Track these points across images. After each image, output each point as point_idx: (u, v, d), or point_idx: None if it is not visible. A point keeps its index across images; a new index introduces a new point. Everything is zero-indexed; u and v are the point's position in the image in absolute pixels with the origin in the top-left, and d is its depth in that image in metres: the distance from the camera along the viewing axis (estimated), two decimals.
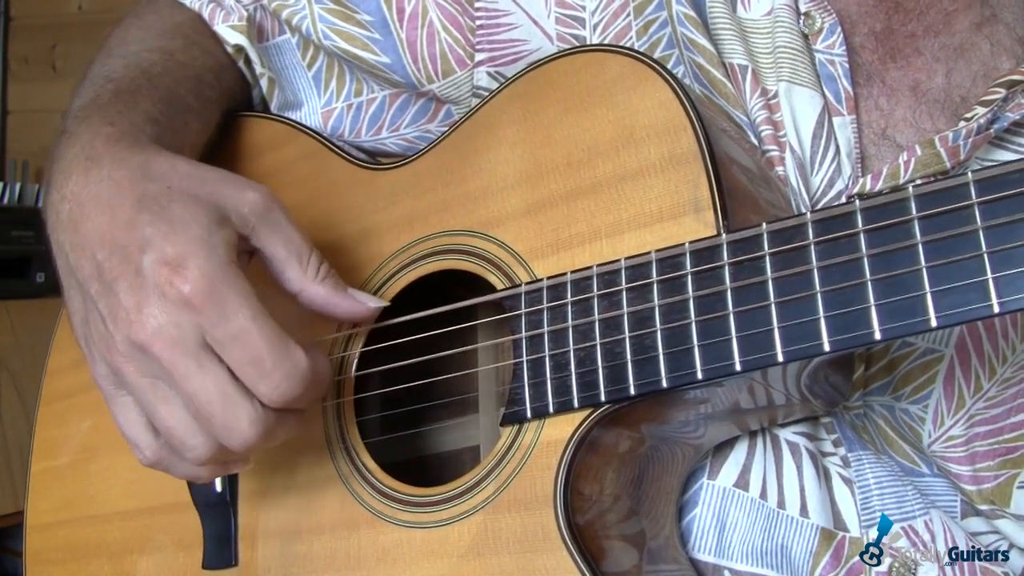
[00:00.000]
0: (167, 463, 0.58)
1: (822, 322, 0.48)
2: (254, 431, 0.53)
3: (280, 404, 0.53)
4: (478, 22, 0.73)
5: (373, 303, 0.60)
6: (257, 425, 0.53)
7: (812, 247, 0.49)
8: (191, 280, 0.52)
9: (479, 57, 0.73)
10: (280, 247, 0.58)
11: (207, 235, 0.54)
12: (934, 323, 0.45)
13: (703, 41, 0.66)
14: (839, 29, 0.65)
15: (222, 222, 0.55)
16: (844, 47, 0.65)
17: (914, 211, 0.46)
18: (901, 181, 0.61)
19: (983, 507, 0.63)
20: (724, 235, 0.52)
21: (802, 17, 0.65)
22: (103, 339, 0.56)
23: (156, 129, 0.65)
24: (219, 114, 0.77)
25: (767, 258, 0.50)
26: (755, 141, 0.65)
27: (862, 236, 0.47)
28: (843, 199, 0.63)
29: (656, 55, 0.68)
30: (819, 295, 0.48)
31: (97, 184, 0.57)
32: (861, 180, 0.63)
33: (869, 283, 0.47)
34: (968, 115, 0.61)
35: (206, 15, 0.78)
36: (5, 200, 1.80)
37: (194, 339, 0.52)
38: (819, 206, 0.64)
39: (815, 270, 0.48)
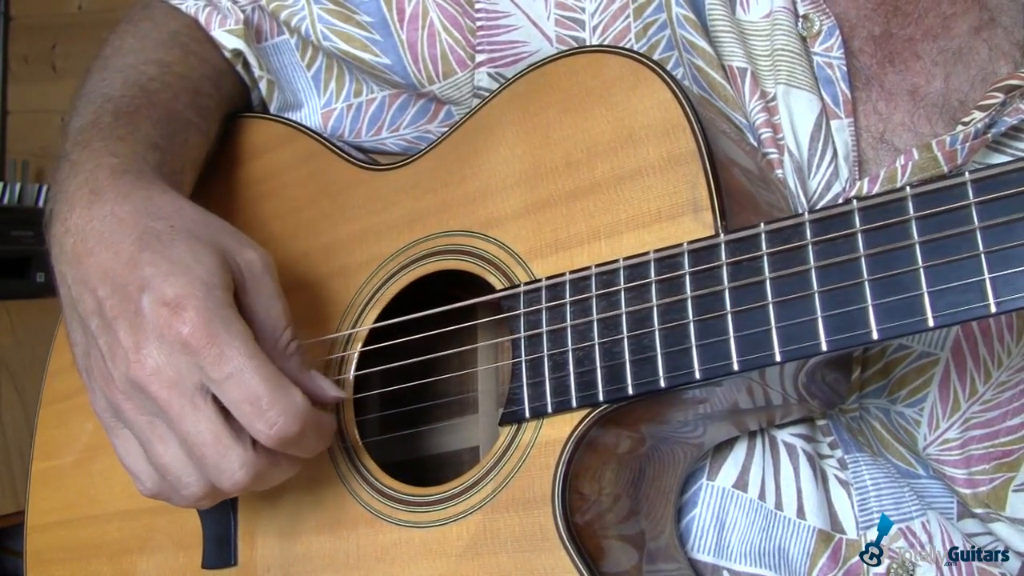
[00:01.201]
0: (167, 495, 0.59)
1: (820, 322, 0.48)
2: (244, 474, 0.54)
3: (276, 442, 0.54)
4: (478, 23, 0.73)
5: (332, 392, 0.60)
6: (248, 468, 0.54)
7: (810, 247, 0.49)
8: (189, 322, 0.52)
9: (479, 58, 0.73)
10: (261, 314, 0.58)
11: (207, 276, 0.54)
12: (931, 323, 0.45)
13: (702, 43, 0.66)
14: (837, 32, 0.65)
15: (222, 266, 0.56)
16: (842, 50, 0.65)
17: (911, 211, 0.46)
18: (898, 185, 0.61)
19: (978, 510, 0.63)
20: (722, 235, 0.52)
21: (800, 20, 0.66)
22: (103, 375, 0.56)
23: (158, 155, 0.66)
24: (219, 123, 0.77)
25: (765, 258, 0.50)
26: (754, 143, 0.65)
27: (860, 236, 0.47)
28: (853, 198, 0.63)
29: (655, 57, 0.68)
30: (817, 295, 0.48)
31: (101, 220, 0.58)
32: (858, 183, 0.63)
33: (867, 283, 0.47)
34: (966, 119, 0.61)
35: (202, 20, 0.78)
36: (5, 200, 1.80)
37: (191, 380, 0.53)
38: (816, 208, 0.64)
39: (813, 270, 0.48)
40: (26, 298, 1.66)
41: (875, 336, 0.46)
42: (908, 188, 0.46)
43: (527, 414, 0.57)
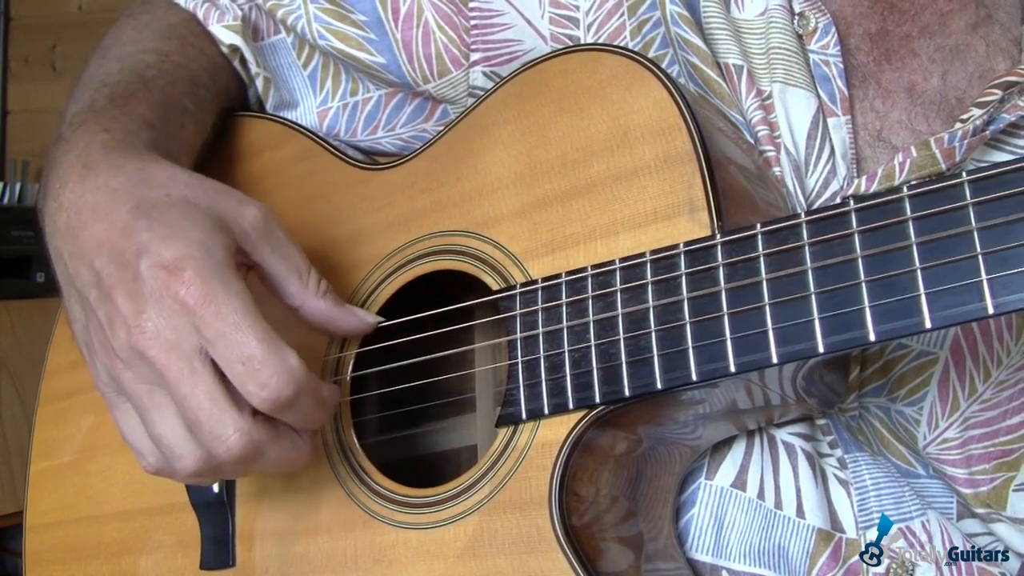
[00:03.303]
0: (169, 470, 0.58)
1: (816, 323, 0.48)
2: (239, 439, 0.53)
3: (270, 405, 0.52)
4: (472, 22, 0.73)
5: (371, 319, 0.61)
6: (243, 434, 0.53)
7: (807, 248, 0.48)
8: (187, 282, 0.52)
9: (474, 57, 0.73)
10: (280, 263, 0.58)
11: (205, 238, 0.54)
12: (928, 324, 0.45)
13: (697, 41, 0.66)
14: (833, 29, 0.64)
15: (221, 228, 0.55)
16: (839, 48, 0.64)
17: (908, 212, 0.46)
18: (896, 183, 0.61)
19: (979, 510, 0.63)
20: (719, 236, 0.52)
21: (796, 17, 0.65)
22: (103, 346, 0.56)
23: (151, 134, 0.65)
24: (215, 115, 0.77)
25: (762, 259, 0.50)
26: (751, 141, 0.65)
27: (856, 237, 0.47)
28: (838, 200, 0.63)
29: (650, 55, 0.68)
30: (814, 296, 0.48)
31: (94, 192, 0.57)
32: (856, 181, 0.63)
33: (863, 284, 0.46)
34: (964, 116, 0.61)
35: (201, 15, 0.78)
36: (5, 200, 1.81)
37: (190, 343, 0.52)
38: (814, 207, 0.63)
39: (810, 271, 0.48)
40: (26, 298, 1.66)
41: (872, 338, 0.46)
42: (905, 188, 0.46)
43: (523, 415, 0.57)
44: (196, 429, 0.53)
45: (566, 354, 0.55)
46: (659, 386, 0.52)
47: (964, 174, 0.44)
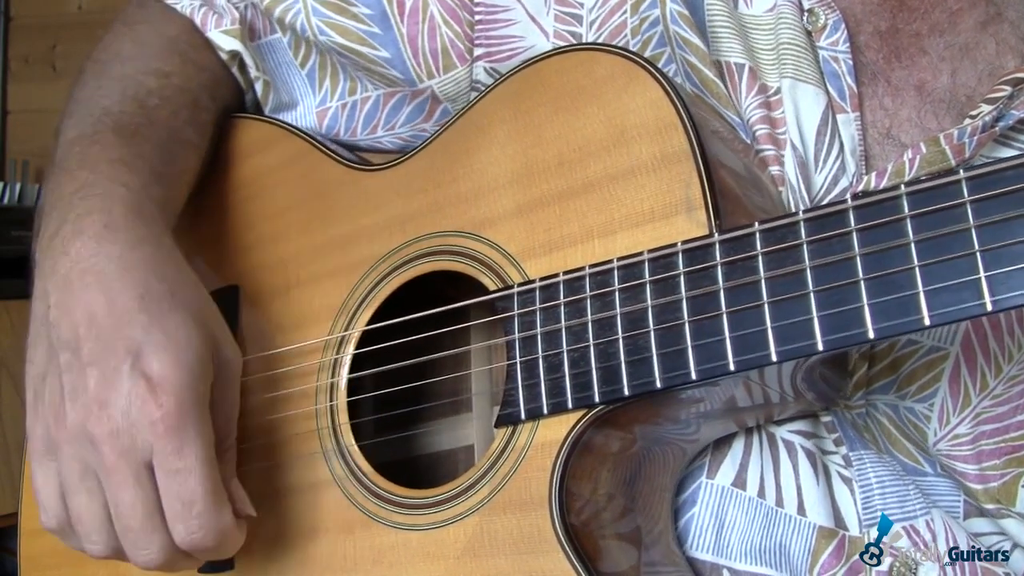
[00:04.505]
0: (66, 537, 0.60)
1: (815, 321, 0.47)
2: (160, 557, 0.56)
3: (187, 548, 0.55)
4: (477, 17, 0.73)
5: (247, 509, 0.60)
6: (165, 554, 0.56)
7: (805, 246, 0.48)
8: (163, 407, 0.53)
9: (477, 52, 0.73)
10: (221, 414, 0.59)
11: (196, 366, 0.55)
12: (927, 322, 0.44)
13: (695, 40, 0.66)
14: (843, 26, 0.64)
15: (209, 357, 0.57)
16: (848, 44, 0.64)
17: (907, 209, 0.45)
18: (906, 179, 0.60)
19: (989, 506, 0.63)
20: (716, 234, 0.51)
21: (806, 14, 0.65)
22: (54, 409, 0.57)
23: (161, 191, 0.66)
24: (215, 132, 0.77)
25: (760, 257, 0.49)
26: (747, 142, 0.65)
27: (855, 235, 0.47)
28: (848, 196, 0.63)
29: (647, 53, 0.68)
30: (812, 294, 0.48)
31: (107, 260, 0.58)
32: (866, 177, 0.63)
33: (862, 282, 0.46)
34: (973, 113, 0.60)
35: (198, 21, 0.77)
36: (5, 200, 1.81)
37: (142, 456, 0.54)
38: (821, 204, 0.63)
39: (808, 269, 0.48)
40: (26, 298, 1.65)
41: (871, 336, 0.46)
42: (903, 186, 0.46)
43: (523, 416, 0.56)
44: (123, 532, 0.55)
45: (564, 354, 0.55)
46: (658, 385, 0.52)
47: (961, 171, 0.44)
